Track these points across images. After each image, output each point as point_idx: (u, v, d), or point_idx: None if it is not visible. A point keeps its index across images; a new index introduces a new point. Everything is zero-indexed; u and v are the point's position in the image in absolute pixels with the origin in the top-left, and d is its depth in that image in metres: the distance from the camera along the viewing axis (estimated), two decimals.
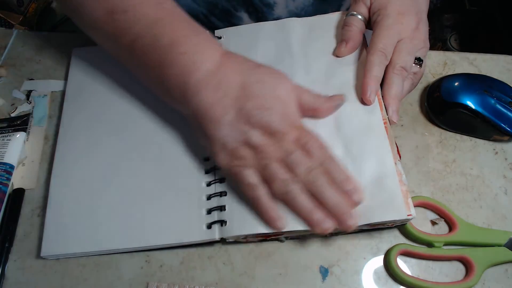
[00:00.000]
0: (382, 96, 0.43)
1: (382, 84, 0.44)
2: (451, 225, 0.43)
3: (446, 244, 0.42)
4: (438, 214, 0.44)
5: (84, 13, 0.44)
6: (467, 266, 0.41)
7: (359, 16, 0.47)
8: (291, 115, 0.40)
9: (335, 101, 0.43)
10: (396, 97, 0.43)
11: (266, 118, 0.38)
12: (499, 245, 0.41)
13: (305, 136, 0.39)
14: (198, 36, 0.42)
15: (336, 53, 0.47)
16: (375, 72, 0.43)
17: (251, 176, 0.39)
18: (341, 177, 0.38)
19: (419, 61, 0.45)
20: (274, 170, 0.38)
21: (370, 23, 0.47)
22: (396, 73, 0.43)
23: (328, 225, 0.38)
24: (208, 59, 0.40)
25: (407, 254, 0.42)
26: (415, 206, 0.44)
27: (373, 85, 0.43)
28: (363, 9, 0.47)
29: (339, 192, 0.38)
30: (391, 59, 0.44)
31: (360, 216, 0.38)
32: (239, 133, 0.39)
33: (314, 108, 0.42)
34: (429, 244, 0.42)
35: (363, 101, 0.43)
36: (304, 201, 0.38)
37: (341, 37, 0.47)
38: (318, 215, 0.38)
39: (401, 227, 0.43)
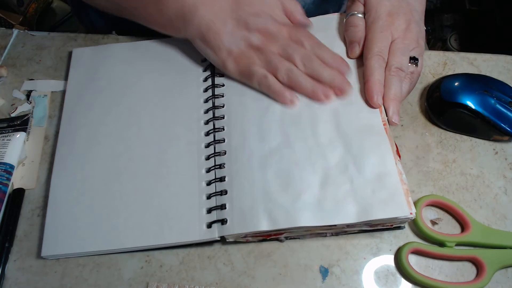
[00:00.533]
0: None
1: None
2: (463, 225, 0.43)
3: (458, 244, 0.42)
4: (450, 214, 0.44)
5: None
6: (478, 267, 0.41)
7: (360, 15, 0.47)
8: (279, 16, 0.46)
9: (304, 20, 0.48)
10: (395, 98, 0.43)
11: (262, 22, 0.45)
12: (511, 248, 0.42)
13: (296, 31, 0.45)
14: None
15: (350, 55, 0.47)
16: (377, 76, 0.44)
17: (261, 69, 0.45)
18: (330, 57, 0.45)
19: (414, 60, 0.45)
20: (277, 62, 0.44)
21: None
22: (393, 74, 0.44)
23: (330, 93, 0.44)
24: None
25: (418, 252, 0.42)
26: (428, 205, 0.44)
27: (377, 89, 0.43)
28: (362, 8, 0.48)
29: (331, 68, 0.44)
30: (387, 61, 0.44)
31: (362, 214, 0.38)
32: (240, 39, 0.45)
33: (298, 17, 0.47)
34: (441, 244, 0.42)
35: (370, 105, 0.44)
36: (306, 79, 0.44)
37: (349, 38, 0.47)
38: (320, 87, 0.44)
39: (414, 225, 0.43)
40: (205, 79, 0.48)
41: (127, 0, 0.49)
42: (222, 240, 0.41)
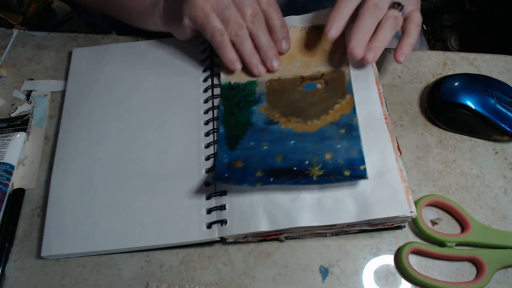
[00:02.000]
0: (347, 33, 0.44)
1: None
2: (463, 225, 0.43)
3: (458, 244, 0.42)
4: (450, 214, 0.44)
5: None
6: (478, 267, 0.41)
7: None
8: None
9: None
10: (360, 30, 0.42)
11: None
12: (511, 248, 0.42)
13: None
14: None
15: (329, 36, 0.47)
16: (342, 4, 0.42)
17: (218, 22, 0.44)
18: (277, 25, 0.46)
19: (398, 5, 0.43)
20: (231, 13, 0.44)
21: None
22: (367, 8, 0.42)
23: (261, 68, 0.46)
24: None
25: (418, 252, 0.42)
26: (428, 205, 0.44)
27: (334, 20, 0.42)
28: None
29: (272, 39, 0.46)
30: None
31: (363, 213, 0.38)
32: None
33: None
34: (441, 244, 0.42)
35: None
36: (249, 46, 0.45)
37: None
38: (256, 59, 0.46)
39: (414, 225, 0.43)
40: (205, 79, 0.48)
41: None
42: (222, 240, 0.41)
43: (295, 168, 0.40)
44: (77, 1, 0.56)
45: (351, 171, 0.39)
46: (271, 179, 0.39)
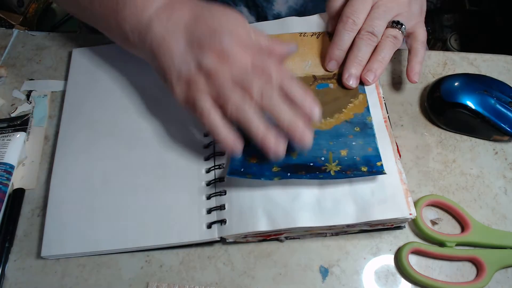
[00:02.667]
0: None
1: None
2: (463, 225, 0.43)
3: (458, 244, 0.42)
4: (450, 214, 0.44)
5: None
6: (478, 267, 0.41)
7: None
8: (243, 35, 0.39)
9: (288, 47, 0.42)
10: (355, 59, 0.43)
11: (217, 40, 0.38)
12: (511, 248, 0.41)
13: (261, 56, 0.38)
14: None
15: (330, 30, 0.48)
16: (337, 40, 0.43)
17: (205, 102, 0.38)
18: (299, 93, 0.38)
19: (397, 24, 0.44)
20: (227, 93, 0.37)
21: None
22: (361, 37, 0.43)
23: (282, 144, 0.37)
24: None
25: (418, 252, 0.42)
26: (428, 205, 0.44)
27: (333, 54, 0.43)
28: None
29: (295, 109, 0.37)
30: (362, 25, 0.44)
31: (362, 214, 0.38)
32: (191, 59, 0.38)
33: (266, 44, 0.41)
34: (441, 244, 0.42)
35: (325, 69, 0.44)
36: (257, 119, 0.37)
37: (329, 14, 0.47)
38: (272, 135, 0.37)
39: (414, 225, 0.43)
40: None
41: (91, 9, 0.45)
42: (222, 240, 0.41)
43: (311, 164, 0.40)
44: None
45: (368, 167, 0.39)
46: (289, 174, 0.39)
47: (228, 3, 0.53)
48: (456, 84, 0.47)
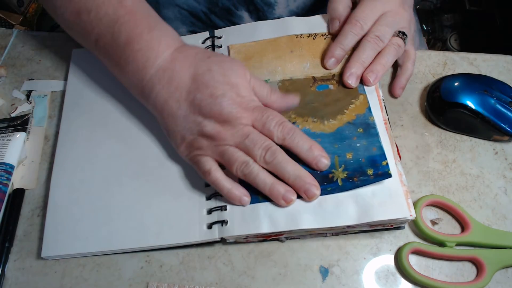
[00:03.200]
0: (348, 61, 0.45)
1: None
2: (463, 225, 0.43)
3: (458, 244, 0.42)
4: (450, 214, 0.44)
5: (57, 13, 0.46)
6: (478, 267, 0.41)
7: None
8: (244, 97, 0.40)
9: (289, 100, 0.43)
10: (359, 60, 0.43)
11: (216, 107, 0.39)
12: (511, 248, 0.41)
13: (262, 117, 0.39)
14: (151, 33, 0.42)
15: (330, 30, 0.48)
16: (341, 39, 0.44)
17: (207, 163, 0.40)
18: (306, 146, 0.39)
19: (402, 34, 0.45)
20: (231, 155, 0.39)
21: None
22: (368, 40, 0.44)
23: (290, 197, 0.38)
24: (160, 55, 0.41)
25: (418, 252, 0.42)
26: (428, 205, 0.44)
27: (335, 51, 0.43)
28: None
29: (299, 165, 0.39)
30: (368, 30, 0.44)
31: (363, 215, 0.38)
32: (194, 125, 0.40)
33: (266, 100, 0.42)
34: (441, 244, 0.42)
35: (325, 67, 0.44)
36: (264, 179, 0.39)
37: (330, 15, 0.48)
38: (279, 190, 0.38)
39: (414, 225, 0.43)
40: None
41: (97, 55, 0.46)
42: (222, 240, 0.41)
43: (318, 172, 0.40)
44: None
45: (374, 168, 0.40)
46: None
47: (229, 7, 0.53)
48: (456, 84, 0.47)
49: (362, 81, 0.44)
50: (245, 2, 0.53)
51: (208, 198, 0.42)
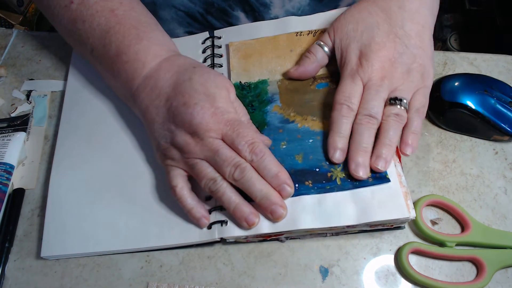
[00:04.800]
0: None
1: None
2: (463, 225, 0.43)
3: (458, 244, 0.42)
4: (450, 214, 0.44)
5: (56, 21, 0.47)
6: (478, 267, 0.41)
7: (325, 49, 0.45)
8: (219, 108, 0.39)
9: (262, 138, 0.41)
10: (359, 147, 0.39)
11: (187, 116, 0.38)
12: (511, 248, 0.41)
13: (233, 133, 0.38)
14: (140, 43, 0.43)
15: (286, 72, 0.46)
16: (335, 127, 0.40)
17: (175, 178, 0.40)
18: (273, 172, 0.38)
19: (396, 100, 0.40)
20: (200, 170, 0.39)
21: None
22: (359, 122, 0.40)
23: (253, 220, 0.38)
24: (146, 65, 0.42)
25: (418, 252, 0.42)
26: (428, 205, 0.44)
27: (335, 143, 0.40)
28: (329, 42, 0.45)
29: (267, 184, 0.38)
30: (357, 110, 0.41)
31: (362, 215, 0.38)
32: (168, 133, 0.40)
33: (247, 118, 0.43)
34: (441, 244, 0.42)
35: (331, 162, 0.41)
36: (229, 198, 0.38)
37: (300, 62, 0.46)
38: (243, 211, 0.38)
39: (414, 225, 0.43)
40: None
41: (93, 64, 0.47)
42: (222, 240, 0.41)
43: (317, 170, 0.40)
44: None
45: (372, 171, 0.40)
46: (296, 185, 0.40)
47: (224, 8, 0.53)
48: (456, 84, 0.47)
49: (374, 170, 0.40)
50: (240, 2, 0.53)
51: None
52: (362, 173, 0.39)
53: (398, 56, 0.41)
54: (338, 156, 0.40)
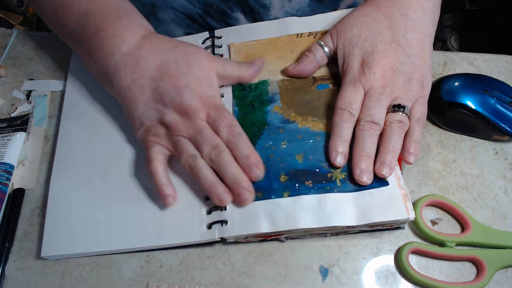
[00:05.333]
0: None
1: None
2: (463, 225, 0.43)
3: (458, 244, 0.42)
4: (450, 214, 0.44)
5: (40, 12, 0.48)
6: (478, 267, 0.41)
7: (326, 49, 0.46)
8: (205, 92, 0.42)
9: (257, 65, 0.46)
10: (362, 153, 0.40)
11: (178, 98, 0.41)
12: (511, 248, 0.41)
13: (216, 114, 0.41)
14: (119, 22, 0.44)
15: (285, 70, 0.47)
16: (338, 133, 0.41)
17: (155, 153, 0.41)
18: (245, 153, 0.40)
19: (399, 108, 0.41)
20: (182, 147, 0.41)
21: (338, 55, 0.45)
22: (361, 128, 0.40)
23: (225, 198, 0.40)
24: (126, 42, 0.43)
25: (418, 252, 0.42)
26: (428, 205, 0.44)
27: (336, 147, 0.40)
28: (330, 43, 0.46)
29: (240, 168, 0.40)
30: (359, 116, 0.41)
31: (362, 216, 0.38)
32: (155, 112, 0.41)
33: (238, 76, 0.45)
34: (441, 244, 0.42)
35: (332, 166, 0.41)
36: (206, 175, 0.40)
37: (299, 60, 0.46)
38: (217, 189, 0.40)
39: (414, 225, 0.43)
40: None
41: (74, 49, 0.48)
42: (222, 240, 0.41)
43: (317, 170, 0.41)
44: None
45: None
46: (296, 185, 0.40)
47: (224, 9, 0.53)
48: (456, 84, 0.47)
49: (378, 176, 0.40)
50: (240, 4, 0.53)
51: (207, 198, 0.42)
52: (366, 178, 0.39)
53: (400, 65, 0.42)
54: (340, 159, 0.40)
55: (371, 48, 0.43)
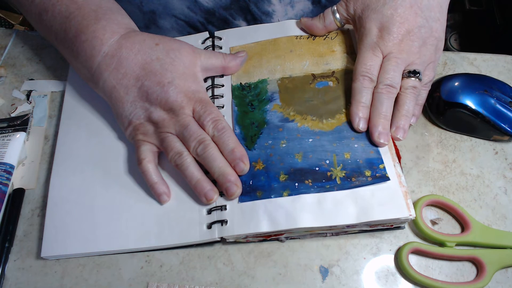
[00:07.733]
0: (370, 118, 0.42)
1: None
2: (463, 225, 0.43)
3: (458, 244, 0.42)
4: (450, 214, 0.44)
5: (27, 17, 0.48)
6: (478, 267, 0.41)
7: (337, 15, 0.47)
8: (190, 87, 0.42)
9: (241, 57, 0.47)
10: (380, 115, 0.41)
11: (163, 95, 0.41)
12: (511, 248, 0.41)
13: (201, 109, 0.42)
14: (98, 23, 0.44)
15: (300, 20, 0.49)
16: (359, 98, 0.42)
17: (144, 152, 0.42)
18: (230, 147, 0.41)
19: (414, 74, 0.42)
20: (169, 143, 0.41)
21: (353, 21, 0.47)
22: (380, 91, 0.42)
23: (211, 195, 0.40)
24: (105, 42, 0.43)
25: (418, 252, 0.42)
26: (428, 205, 0.44)
27: (358, 111, 0.42)
28: (344, 12, 0.47)
29: (227, 162, 0.41)
30: (377, 79, 0.43)
31: (362, 215, 0.38)
32: (141, 111, 0.42)
33: (222, 67, 0.46)
34: (441, 244, 0.42)
35: (354, 130, 0.42)
36: (192, 172, 0.41)
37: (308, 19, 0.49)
38: (203, 187, 0.40)
39: (414, 225, 0.43)
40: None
41: (60, 50, 0.48)
42: (222, 240, 0.41)
43: (317, 169, 0.41)
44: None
45: (371, 170, 0.40)
46: (296, 184, 0.40)
47: (226, 17, 0.53)
48: (456, 84, 0.47)
49: (394, 139, 0.42)
50: (242, 11, 0.53)
51: None
52: (384, 140, 0.41)
53: (417, 30, 0.43)
54: (362, 124, 0.42)
55: (390, 12, 0.43)
